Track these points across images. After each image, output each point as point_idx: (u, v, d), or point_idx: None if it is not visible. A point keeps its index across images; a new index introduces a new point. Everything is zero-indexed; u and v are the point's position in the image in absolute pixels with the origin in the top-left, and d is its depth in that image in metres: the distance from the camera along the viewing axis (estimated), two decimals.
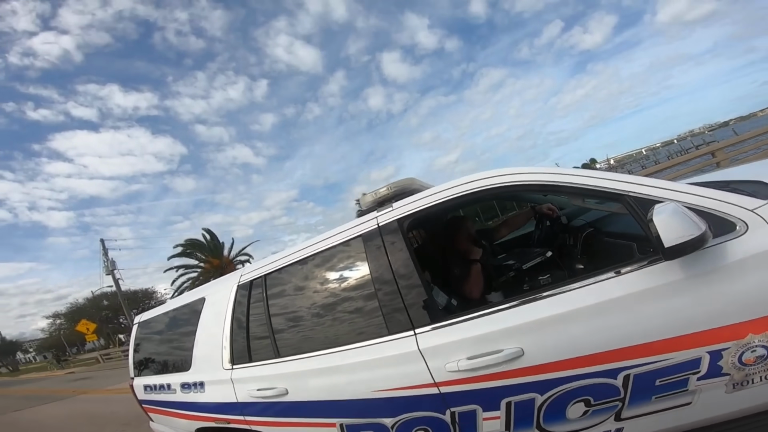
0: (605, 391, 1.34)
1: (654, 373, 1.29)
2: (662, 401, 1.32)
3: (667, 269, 1.29)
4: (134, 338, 2.88)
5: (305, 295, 1.98)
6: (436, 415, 1.54)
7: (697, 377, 1.26)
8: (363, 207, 2.04)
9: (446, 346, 1.50)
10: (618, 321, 1.32)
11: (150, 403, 2.67)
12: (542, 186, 1.56)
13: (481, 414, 1.48)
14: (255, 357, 2.02)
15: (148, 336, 2.83)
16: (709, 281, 1.25)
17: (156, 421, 2.71)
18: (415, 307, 1.60)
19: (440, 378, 1.50)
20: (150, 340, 2.82)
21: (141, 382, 2.72)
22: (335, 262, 1.92)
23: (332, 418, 1.74)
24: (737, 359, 1.23)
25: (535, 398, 1.40)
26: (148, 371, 2.73)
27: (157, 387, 2.56)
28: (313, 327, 1.92)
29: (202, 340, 2.29)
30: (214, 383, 2.17)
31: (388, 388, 1.59)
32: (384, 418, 1.62)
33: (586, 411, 1.38)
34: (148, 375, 2.70)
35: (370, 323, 1.71)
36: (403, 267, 1.67)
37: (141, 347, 2.84)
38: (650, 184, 1.42)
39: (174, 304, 2.67)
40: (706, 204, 1.34)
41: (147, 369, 2.75)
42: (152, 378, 2.64)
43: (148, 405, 2.70)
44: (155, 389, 2.58)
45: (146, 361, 2.78)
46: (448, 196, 1.66)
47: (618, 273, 1.36)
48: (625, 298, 1.32)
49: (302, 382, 1.83)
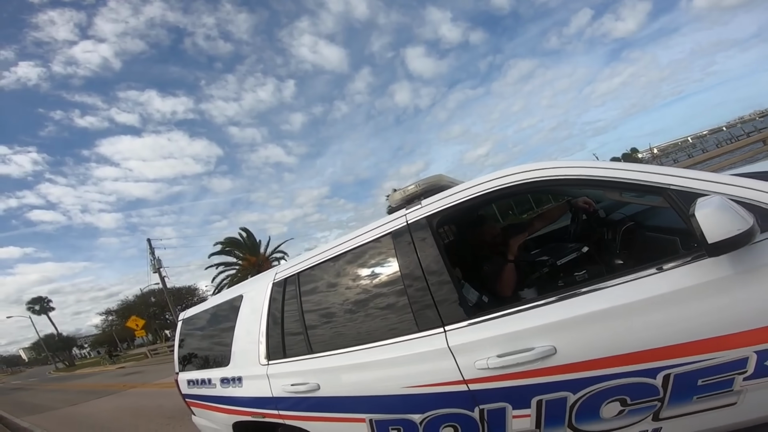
0: (643, 390, 1.29)
1: (696, 373, 1.23)
2: (705, 401, 1.25)
3: (713, 265, 1.22)
4: (179, 334, 3.01)
5: (337, 292, 2.02)
6: (464, 412, 1.53)
7: (743, 377, 1.19)
8: (392, 204, 2.06)
9: (476, 344, 1.48)
10: (659, 319, 1.26)
11: (192, 397, 2.79)
12: (577, 181, 1.51)
13: (511, 412, 1.46)
14: (289, 353, 2.08)
15: (192, 332, 2.96)
16: (757, 278, 1.17)
17: (198, 415, 2.82)
18: (445, 303, 1.60)
19: (469, 375, 1.49)
20: (193, 336, 2.95)
21: (185, 376, 2.85)
22: (366, 259, 1.94)
23: (362, 413, 1.76)
24: None
25: (568, 397, 1.36)
26: (191, 366, 2.86)
27: (199, 381, 2.67)
28: (345, 323, 1.96)
29: (240, 336, 2.38)
30: (250, 378, 2.25)
31: (417, 384, 1.60)
32: (413, 414, 1.63)
33: (622, 410, 1.33)
34: (191, 370, 2.83)
35: (400, 320, 1.72)
36: (433, 263, 1.66)
37: (185, 343, 2.97)
38: (693, 176, 1.34)
39: (214, 301, 2.78)
40: (753, 196, 1.25)
41: (190, 364, 2.87)
42: (195, 373, 2.76)
43: (190, 399, 2.82)
44: (197, 384, 2.69)
45: (189, 356, 2.90)
46: (477, 193, 1.64)
47: (660, 269, 1.30)
48: (667, 295, 1.25)
49: (333, 378, 1.86)
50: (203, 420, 2.77)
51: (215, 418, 2.56)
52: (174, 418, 6.07)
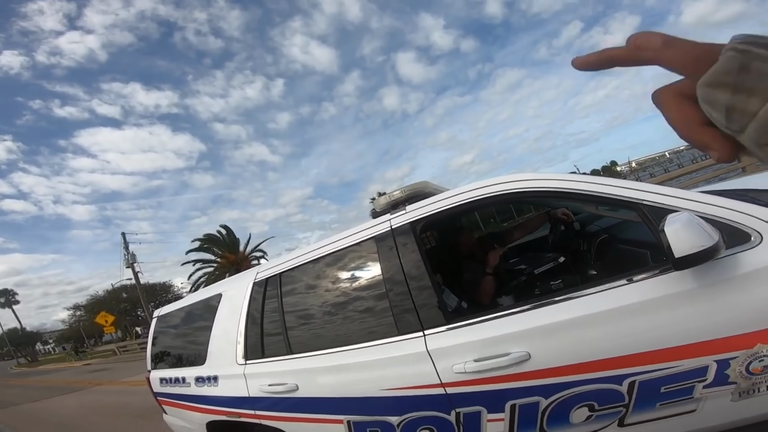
0: (609, 396, 1.34)
1: (660, 381, 1.29)
2: (667, 408, 1.32)
3: (680, 278, 1.28)
4: (153, 331, 2.96)
5: (318, 294, 2.03)
6: (441, 415, 1.56)
7: (703, 385, 1.26)
8: (377, 209, 2.08)
9: (454, 348, 1.52)
10: (627, 328, 1.32)
11: (164, 396, 2.73)
12: (555, 193, 1.56)
13: (486, 416, 1.50)
14: (268, 353, 2.07)
15: (166, 330, 2.90)
16: (720, 291, 1.25)
17: (169, 414, 2.77)
18: (425, 308, 1.63)
19: (447, 379, 1.52)
20: (168, 334, 2.90)
21: (157, 374, 2.79)
22: (348, 262, 1.96)
23: (340, 414, 1.77)
24: (745, 368, 1.22)
25: (540, 402, 1.41)
26: (164, 364, 2.80)
27: (173, 380, 2.62)
28: (325, 325, 1.97)
29: (218, 335, 2.35)
30: (227, 378, 2.22)
31: (396, 387, 1.62)
32: (390, 416, 1.65)
33: (590, 416, 1.38)
34: (165, 368, 2.77)
35: (380, 323, 1.74)
36: (415, 269, 1.69)
37: (159, 340, 2.92)
38: (665, 193, 1.41)
39: (192, 299, 2.74)
40: (721, 214, 1.32)
41: (163, 362, 2.82)
42: (168, 371, 2.71)
43: (162, 397, 2.77)
44: (170, 382, 2.64)
45: (163, 354, 2.85)
46: (460, 201, 1.68)
47: (630, 280, 1.36)
48: (635, 305, 1.32)
49: (312, 379, 1.87)
50: (175, 419, 2.72)
51: (189, 417, 2.52)
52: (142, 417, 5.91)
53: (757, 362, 1.21)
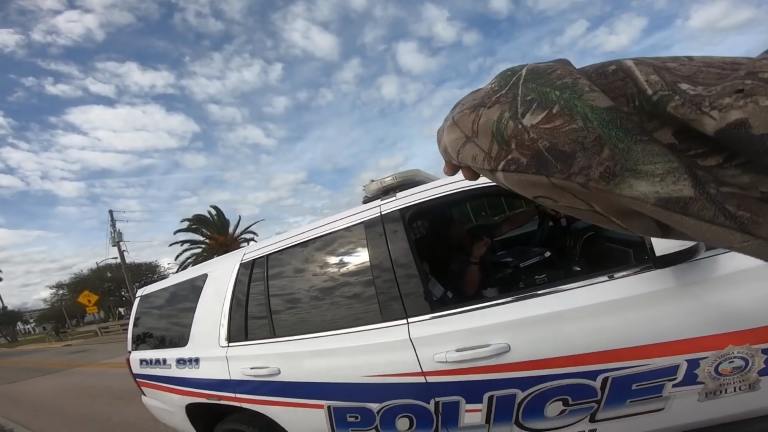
0: (583, 391, 1.36)
1: (632, 378, 1.31)
2: (636, 405, 1.34)
3: (658, 277, 1.31)
4: (135, 312, 2.91)
5: (305, 278, 2.02)
6: (420, 403, 1.58)
7: (672, 384, 1.29)
8: (368, 194, 2.07)
9: (437, 337, 1.53)
10: (604, 324, 1.34)
11: (144, 377, 2.71)
12: None
13: (464, 406, 1.51)
14: (251, 336, 2.07)
15: (149, 310, 2.86)
16: (697, 292, 1.27)
17: (148, 396, 2.75)
18: (411, 296, 1.63)
19: (428, 368, 1.53)
20: (150, 315, 2.86)
21: (137, 356, 2.76)
22: (337, 246, 1.95)
23: (321, 399, 1.78)
24: (714, 369, 1.25)
25: (517, 394, 1.43)
26: (145, 345, 2.77)
27: (153, 361, 2.60)
28: (310, 309, 1.96)
29: (201, 316, 2.33)
30: (208, 360, 2.21)
31: (378, 374, 1.63)
32: (371, 402, 1.66)
33: (564, 410, 1.40)
34: (146, 349, 2.74)
35: (365, 309, 1.75)
36: (402, 256, 1.69)
37: (141, 321, 2.88)
38: None
39: (176, 279, 2.71)
40: None
41: (145, 343, 2.78)
42: (149, 352, 2.68)
43: (142, 379, 2.74)
44: (151, 363, 2.62)
45: (145, 335, 2.81)
46: (451, 191, 1.68)
47: (611, 277, 1.38)
48: (614, 302, 1.34)
49: (295, 363, 1.87)
50: (154, 401, 2.70)
51: (167, 399, 2.50)
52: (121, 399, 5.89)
53: (726, 363, 1.24)
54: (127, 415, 5.01)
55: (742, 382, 1.25)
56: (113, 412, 5.33)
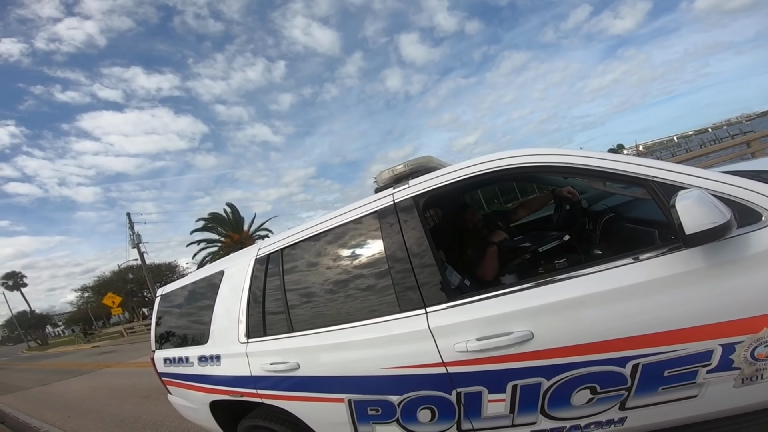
0: (612, 379, 1.32)
1: (663, 364, 1.26)
2: (669, 392, 1.29)
3: (688, 257, 1.25)
4: (156, 311, 2.95)
5: (320, 271, 2.01)
6: (442, 394, 1.55)
7: (706, 370, 1.23)
8: (380, 183, 2.03)
9: (456, 326, 1.50)
10: (632, 309, 1.29)
11: (169, 376, 2.74)
12: (563, 168, 1.52)
13: (487, 396, 1.48)
14: (269, 331, 2.07)
15: (170, 309, 2.89)
16: (729, 272, 1.21)
17: (174, 394, 2.78)
18: (428, 285, 1.60)
19: (448, 358, 1.50)
20: (171, 313, 2.88)
21: (161, 355, 2.79)
22: (350, 238, 1.93)
23: (341, 393, 1.77)
24: (750, 353, 1.19)
25: (542, 383, 1.39)
26: (168, 344, 2.80)
27: (176, 360, 2.62)
28: (327, 302, 1.95)
29: (220, 313, 2.34)
30: (229, 356, 2.22)
31: (397, 365, 1.61)
32: (391, 395, 1.65)
33: (592, 398, 1.36)
34: (168, 348, 2.77)
35: (382, 300, 1.72)
36: (417, 245, 1.66)
37: (162, 320, 2.91)
38: (676, 170, 1.36)
39: (194, 277, 2.72)
40: (732, 192, 1.28)
41: (167, 342, 2.81)
42: (172, 351, 2.71)
43: (167, 378, 2.77)
44: (174, 362, 2.65)
45: (167, 334, 2.84)
46: (465, 175, 1.64)
47: (636, 259, 1.32)
48: (641, 285, 1.28)
49: (314, 357, 1.86)
50: (179, 399, 2.74)
51: (192, 396, 2.54)
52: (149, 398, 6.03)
53: (762, 347, 1.18)
54: (155, 414, 5.12)
55: None
56: (142, 411, 5.46)
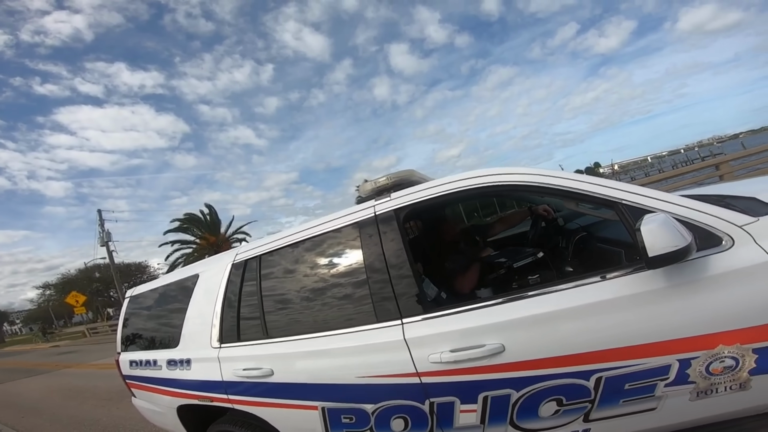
0: (577, 391, 1.37)
1: (625, 377, 1.32)
2: (629, 405, 1.35)
3: (651, 277, 1.32)
4: (124, 312, 2.87)
5: (298, 278, 2.00)
6: (415, 404, 1.57)
7: (664, 384, 1.30)
8: (362, 195, 2.06)
9: (431, 338, 1.53)
10: (597, 324, 1.35)
11: (134, 379, 2.67)
12: (539, 188, 1.58)
13: (459, 406, 1.51)
14: (244, 337, 2.04)
15: (138, 311, 2.82)
16: (688, 292, 1.29)
17: (138, 397, 2.71)
18: (405, 297, 1.63)
19: (423, 368, 1.53)
20: (140, 315, 2.82)
21: (127, 357, 2.72)
22: (330, 247, 1.94)
23: (315, 401, 1.76)
24: (705, 368, 1.27)
25: (511, 394, 1.43)
26: (135, 346, 2.73)
27: (143, 363, 2.56)
28: (304, 310, 1.95)
29: (192, 317, 2.30)
30: (200, 361, 2.18)
31: (372, 374, 1.62)
32: (365, 404, 1.65)
33: (558, 410, 1.41)
34: (135, 350, 2.71)
35: (359, 310, 1.74)
36: (396, 257, 1.69)
37: (130, 322, 2.84)
38: (644, 194, 1.44)
39: (167, 280, 2.67)
40: (696, 217, 1.36)
41: (134, 344, 2.75)
42: (139, 353, 2.64)
43: (131, 380, 2.70)
44: (141, 365, 2.58)
45: (134, 336, 2.78)
46: (446, 191, 1.68)
47: (604, 278, 1.39)
48: (607, 302, 1.35)
49: (288, 364, 1.85)
50: (144, 402, 2.67)
51: (159, 400, 2.47)
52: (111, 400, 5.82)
53: (717, 363, 1.26)
54: (116, 417, 4.95)
55: (733, 381, 1.27)
56: (102, 414, 5.27)
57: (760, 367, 1.24)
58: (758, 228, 1.30)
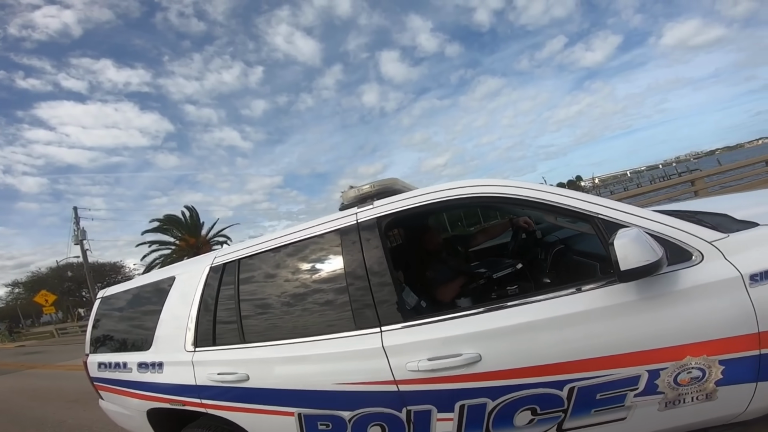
0: (551, 401, 1.39)
1: (596, 387, 1.35)
2: (600, 415, 1.38)
3: (623, 290, 1.36)
4: (95, 313, 2.79)
5: (277, 283, 1.98)
6: (392, 412, 1.57)
7: (634, 394, 1.34)
8: (345, 201, 2.06)
9: (409, 346, 1.53)
10: (572, 335, 1.38)
11: (102, 381, 2.59)
12: (519, 200, 1.61)
13: (436, 414, 1.51)
14: (219, 341, 2.01)
15: (110, 312, 2.75)
16: (659, 305, 1.33)
17: (106, 399, 2.64)
18: (385, 305, 1.63)
19: (400, 376, 1.52)
20: (111, 317, 2.74)
21: (96, 359, 2.64)
22: (311, 253, 1.93)
23: (291, 407, 1.74)
24: (673, 379, 1.31)
25: (487, 403, 1.45)
26: (105, 348, 2.66)
27: (113, 365, 2.49)
28: (282, 315, 1.93)
29: (167, 320, 2.25)
30: (173, 364, 2.13)
31: (350, 381, 1.61)
32: (342, 410, 1.64)
33: (532, 419, 1.43)
34: (105, 352, 2.63)
35: (339, 317, 1.73)
36: (377, 264, 1.69)
37: (101, 323, 2.76)
38: (619, 209, 1.48)
39: (141, 281, 2.61)
40: (668, 232, 1.41)
41: (104, 346, 2.67)
42: (108, 356, 2.57)
43: (99, 383, 2.62)
44: (110, 367, 2.51)
45: (105, 337, 2.70)
46: (429, 200, 1.70)
47: (579, 290, 1.42)
48: (581, 314, 1.38)
49: (265, 369, 1.82)
50: (112, 405, 2.59)
51: (127, 403, 2.40)
52: (77, 402, 5.65)
53: (685, 374, 1.30)
54: (82, 419, 4.80)
55: (700, 392, 1.31)
56: (68, 416, 5.11)
57: (725, 378, 1.29)
58: (728, 244, 1.36)
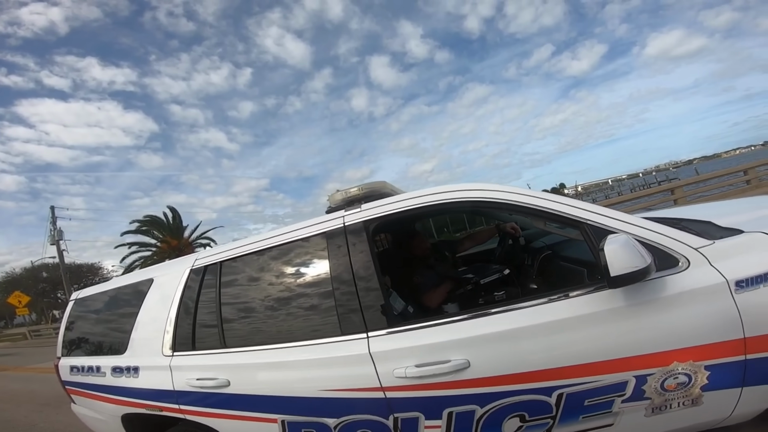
0: (540, 407, 1.38)
1: (584, 393, 1.35)
2: (588, 421, 1.38)
3: (611, 296, 1.35)
4: (68, 315, 2.69)
5: (261, 287, 1.93)
6: (379, 419, 1.53)
7: (621, 400, 1.34)
8: (332, 204, 2.01)
9: (397, 352, 1.50)
10: (560, 341, 1.37)
11: (74, 385, 2.50)
12: (509, 205, 1.60)
13: (423, 422, 1.49)
14: (199, 345, 1.94)
15: (85, 314, 2.65)
16: (646, 311, 1.33)
17: (78, 404, 2.55)
18: (371, 310, 1.59)
19: (387, 383, 1.49)
20: (85, 319, 2.64)
21: (68, 362, 2.54)
22: (296, 256, 1.88)
23: (274, 413, 1.69)
24: (660, 385, 1.31)
25: (476, 410, 1.42)
26: (78, 351, 2.56)
27: (85, 368, 2.40)
28: (265, 320, 1.87)
29: (144, 322, 2.17)
30: (149, 369, 2.06)
31: (335, 388, 1.57)
32: (327, 418, 1.60)
33: (521, 426, 1.42)
34: (78, 355, 2.53)
35: (324, 322, 1.69)
36: (363, 269, 1.65)
37: (74, 326, 2.66)
38: (608, 215, 1.49)
39: (118, 283, 2.52)
40: (655, 239, 1.42)
41: (77, 349, 2.57)
42: (81, 359, 2.47)
43: (71, 387, 2.53)
44: (82, 371, 2.42)
45: (78, 340, 2.60)
46: (416, 204, 1.67)
47: (566, 296, 1.41)
48: (569, 320, 1.37)
49: (247, 375, 1.77)
50: (85, 409, 2.49)
51: (101, 408, 2.31)
52: (48, 405, 5.48)
53: (671, 379, 1.31)
54: (54, 422, 4.66)
55: (686, 397, 1.32)
56: (39, 419, 4.96)
57: (711, 384, 1.30)
58: (714, 251, 1.37)
